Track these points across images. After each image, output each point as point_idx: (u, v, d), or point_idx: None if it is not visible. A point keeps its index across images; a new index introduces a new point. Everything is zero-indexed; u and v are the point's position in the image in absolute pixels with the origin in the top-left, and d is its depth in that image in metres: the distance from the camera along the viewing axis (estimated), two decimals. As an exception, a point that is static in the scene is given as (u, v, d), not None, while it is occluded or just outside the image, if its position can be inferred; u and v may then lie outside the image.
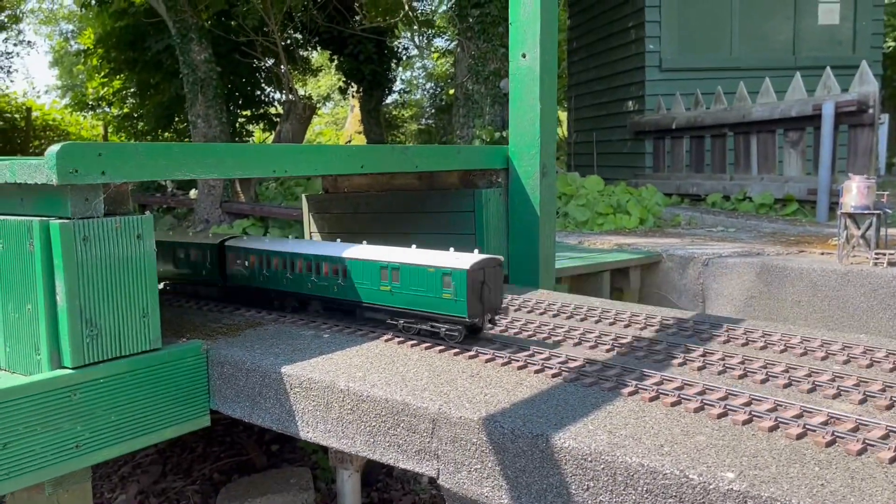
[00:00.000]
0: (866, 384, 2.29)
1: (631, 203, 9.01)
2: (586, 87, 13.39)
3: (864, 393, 2.21)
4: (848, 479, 1.70)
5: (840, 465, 1.77)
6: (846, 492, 1.64)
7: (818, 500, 1.60)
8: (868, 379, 2.32)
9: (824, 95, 8.13)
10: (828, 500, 1.60)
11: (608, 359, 2.65)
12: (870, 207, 5.18)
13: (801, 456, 1.82)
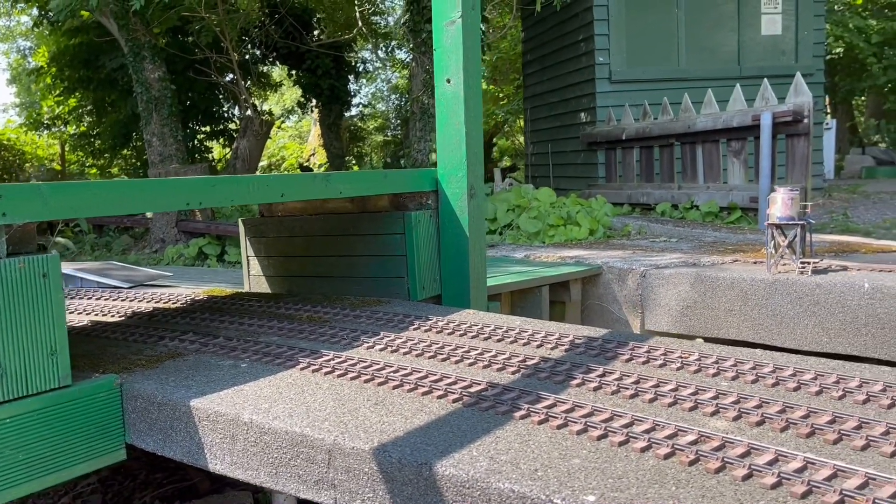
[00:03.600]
0: (745, 400, 2.42)
1: (581, 214, 9.18)
2: (541, 99, 13.60)
3: (740, 410, 2.34)
4: (699, 498, 1.81)
5: (696, 484, 1.88)
6: (693, 511, 1.74)
7: (665, 519, 1.71)
8: (748, 395, 2.45)
9: (763, 106, 8.38)
10: (674, 519, 1.71)
11: (511, 381, 2.75)
12: (794, 218, 5.37)
13: (663, 476, 1.93)
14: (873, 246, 6.46)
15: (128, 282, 5.84)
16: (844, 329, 5.03)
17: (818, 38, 11.47)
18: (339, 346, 3.34)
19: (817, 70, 11.51)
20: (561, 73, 12.49)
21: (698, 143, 9.39)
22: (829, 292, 5.05)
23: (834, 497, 1.76)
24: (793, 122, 8.02)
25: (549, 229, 9.11)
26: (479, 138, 4.44)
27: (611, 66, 11.19)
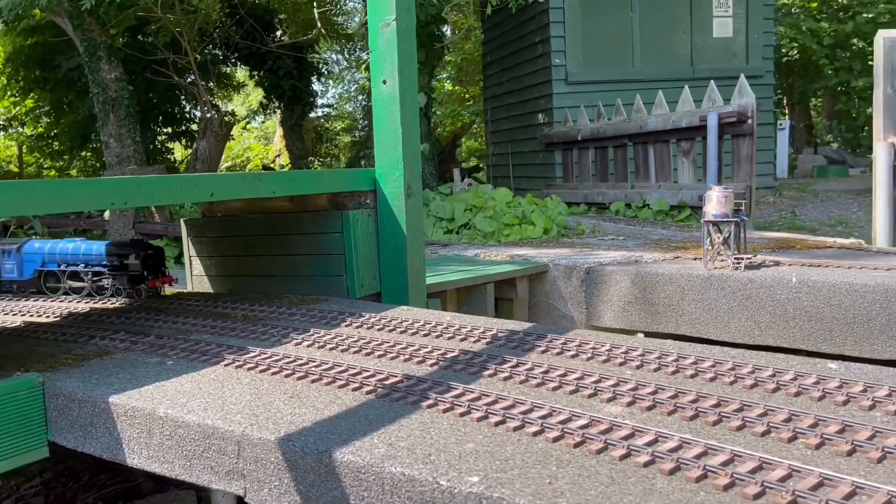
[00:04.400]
0: (642, 388, 2.54)
1: (535, 214, 9.33)
2: (501, 100, 13.75)
3: (635, 396, 2.46)
4: (575, 476, 1.92)
5: (576, 464, 1.99)
6: (567, 487, 1.86)
7: (539, 496, 1.82)
8: (646, 383, 2.58)
9: (709, 107, 8.60)
10: (546, 495, 1.82)
11: (427, 373, 2.84)
12: (728, 215, 5.56)
13: (548, 457, 2.04)
14: (809, 242, 6.69)
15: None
16: (774, 322, 5.22)
17: (767, 41, 11.78)
18: (267, 343, 3.41)
19: (767, 72, 11.82)
20: (519, 74, 12.66)
21: (650, 143, 9.60)
22: (759, 287, 5.24)
23: (697, 472, 1.88)
24: (737, 123, 8.25)
25: (504, 228, 9.24)
26: (416, 138, 4.53)
27: (567, 67, 11.37)
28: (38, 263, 4.79)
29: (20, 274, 4.82)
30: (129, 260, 4.49)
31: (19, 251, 4.83)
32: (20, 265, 4.83)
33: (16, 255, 4.83)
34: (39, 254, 4.80)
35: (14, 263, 4.84)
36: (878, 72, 6.41)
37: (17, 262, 4.83)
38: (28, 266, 4.83)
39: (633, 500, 1.77)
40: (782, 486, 1.77)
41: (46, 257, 4.78)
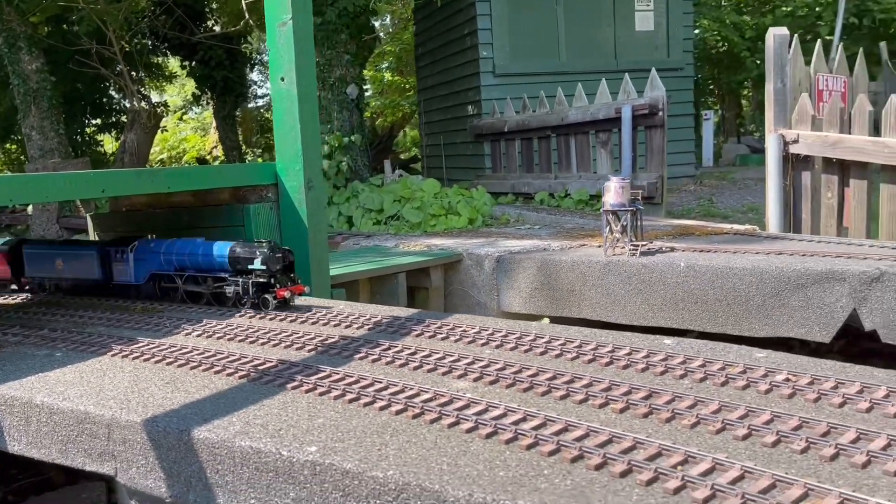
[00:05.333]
0: (493, 364, 2.80)
1: (461, 204, 9.58)
2: (433, 91, 13.95)
3: (482, 372, 2.72)
4: (404, 443, 2.15)
5: (409, 432, 2.23)
6: (393, 452, 2.09)
7: (365, 460, 2.05)
8: (498, 360, 2.83)
9: (624, 100, 8.97)
10: (372, 459, 2.05)
11: (302, 358, 3.05)
12: (625, 205, 5.90)
13: (385, 428, 2.28)
14: (708, 229, 7.11)
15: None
16: (665, 304, 5.58)
17: (687, 35, 12.26)
18: (159, 334, 3.55)
19: (687, 64, 12.31)
20: (450, 66, 12.87)
21: (571, 134, 9.94)
22: (652, 272, 5.59)
23: (508, 435, 2.14)
24: (649, 115, 8.64)
25: (430, 219, 9.47)
26: (316, 133, 4.71)
27: (494, 60, 11.63)
28: (153, 265, 4.29)
29: (133, 277, 4.31)
30: (254, 264, 3.92)
31: (133, 251, 4.32)
32: (133, 267, 4.31)
33: (129, 255, 4.31)
34: (155, 254, 4.28)
35: (127, 265, 4.33)
36: (768, 67, 6.84)
37: (131, 264, 4.31)
38: (142, 268, 4.31)
39: (445, 460, 2.01)
40: (575, 444, 2.04)
41: (163, 258, 4.27)
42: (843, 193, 6.41)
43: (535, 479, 1.87)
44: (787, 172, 6.84)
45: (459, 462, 2.00)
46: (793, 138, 6.67)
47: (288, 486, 2.13)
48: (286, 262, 4.04)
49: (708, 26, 16.20)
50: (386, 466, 2.00)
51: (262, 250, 3.95)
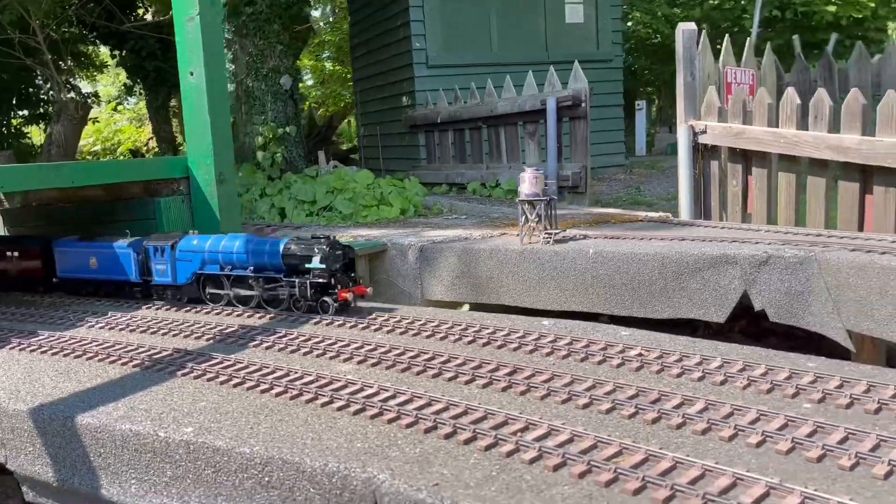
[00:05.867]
0: (379, 349, 2.97)
1: (393, 195, 9.72)
2: (368, 82, 14.02)
3: (366, 355, 2.89)
4: (276, 422, 2.31)
5: (283, 413, 2.39)
6: (264, 430, 2.25)
7: (236, 438, 2.20)
8: (384, 344, 3.01)
9: (550, 92, 9.23)
10: (243, 437, 2.20)
11: (198, 347, 3.17)
12: (539, 195, 6.14)
13: (263, 409, 2.43)
14: (625, 216, 7.41)
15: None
16: (577, 290, 5.85)
17: (616, 27, 12.62)
18: (61, 327, 3.62)
19: (616, 56, 12.67)
20: (384, 57, 12.96)
21: (501, 125, 10.17)
22: (564, 259, 5.85)
23: (374, 411, 2.31)
24: (573, 106, 8.91)
25: (362, 210, 9.58)
26: (227, 127, 4.79)
27: (427, 51, 11.77)
28: (196, 265, 3.95)
29: (174, 277, 3.99)
30: (312, 263, 3.57)
31: (174, 249, 4.01)
32: (174, 266, 4.00)
33: (170, 253, 3.99)
34: (198, 253, 3.94)
35: (168, 264, 4.01)
36: (679, 61, 7.17)
37: (171, 263, 3.99)
38: (184, 268, 3.99)
39: (310, 435, 2.18)
40: (432, 416, 2.23)
41: (207, 257, 3.91)
42: (747, 181, 6.79)
43: (389, 449, 2.06)
44: (697, 162, 7.20)
45: (323, 437, 2.17)
46: (701, 129, 7.02)
47: (165, 465, 2.26)
48: (346, 259, 3.75)
49: (640, 18, 16.65)
50: (254, 443, 2.16)
51: (321, 247, 3.62)
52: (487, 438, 2.05)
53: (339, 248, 3.69)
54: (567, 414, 2.25)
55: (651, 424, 2.13)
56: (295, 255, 3.65)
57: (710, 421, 2.06)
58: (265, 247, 3.76)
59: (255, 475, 2.10)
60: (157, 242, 4.08)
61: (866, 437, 1.91)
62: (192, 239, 4.03)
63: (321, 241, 3.65)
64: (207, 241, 3.95)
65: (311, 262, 3.58)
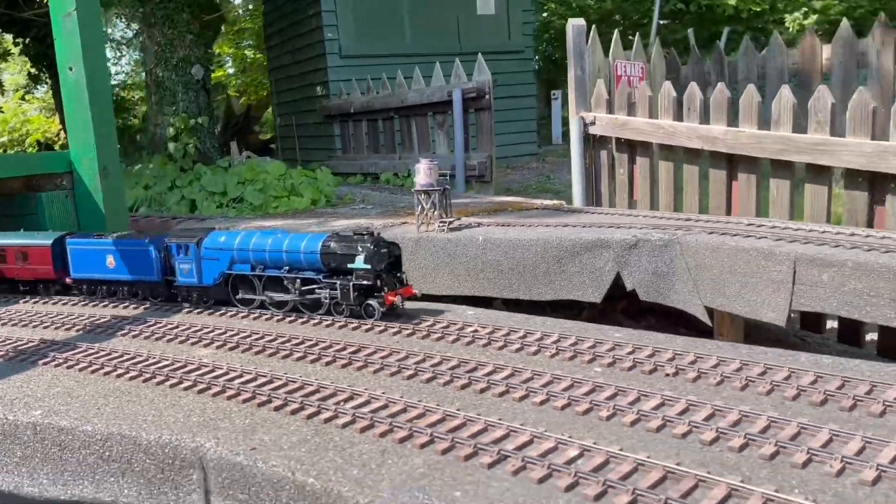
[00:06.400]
0: (240, 336, 3.17)
1: (304, 185, 9.84)
2: (283, 72, 14.02)
3: (226, 341, 3.09)
4: (124, 402, 2.49)
5: (132, 393, 2.57)
6: (110, 409, 2.43)
7: (84, 419, 2.37)
8: (246, 330, 3.21)
9: (456, 83, 9.51)
10: (87, 416, 2.38)
11: (66, 337, 3.30)
12: (433, 185, 6.40)
13: (114, 392, 2.61)
14: (522, 204, 7.77)
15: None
16: (469, 275, 6.16)
17: (527, 19, 12.99)
18: (-68, 323, 3.67)
19: (527, 47, 13.05)
20: (297, 46, 13.00)
21: (412, 116, 10.40)
22: (456, 246, 6.14)
23: (232, 392, 2.53)
24: (477, 98, 9.22)
25: (273, 201, 9.67)
26: (109, 121, 4.86)
27: (340, 41, 11.88)
28: (224, 264, 3.63)
29: (200, 278, 3.68)
30: (355, 262, 3.28)
31: (199, 246, 3.70)
32: (200, 266, 3.68)
33: (195, 251, 3.69)
34: (226, 251, 3.63)
35: (192, 263, 3.69)
36: (569, 55, 7.54)
37: (197, 262, 3.68)
38: (211, 267, 3.67)
39: (152, 413, 2.38)
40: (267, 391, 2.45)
41: (236, 256, 3.61)
42: (632, 170, 7.23)
43: (221, 422, 2.28)
44: (588, 152, 7.61)
45: (164, 413, 2.37)
46: (591, 120, 7.42)
47: (14, 447, 2.42)
48: (391, 258, 3.45)
49: (556, 10, 17.13)
50: (97, 422, 2.34)
51: (365, 245, 3.32)
52: (312, 408, 2.30)
53: (385, 246, 3.41)
54: (385, 383, 2.51)
55: (460, 390, 2.41)
56: (335, 255, 3.38)
57: (549, 393, 2.34)
58: (302, 243, 3.48)
59: (96, 451, 2.28)
60: (181, 239, 3.80)
61: (703, 406, 2.15)
62: (219, 235, 3.77)
63: (364, 237, 3.36)
64: (236, 237, 3.69)
65: (354, 261, 3.30)
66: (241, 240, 3.63)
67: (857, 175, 5.21)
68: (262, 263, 3.58)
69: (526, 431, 1.98)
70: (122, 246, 3.93)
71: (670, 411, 2.12)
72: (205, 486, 2.03)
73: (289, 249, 3.48)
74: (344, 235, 3.43)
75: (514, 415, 2.17)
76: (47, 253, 4.15)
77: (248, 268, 3.62)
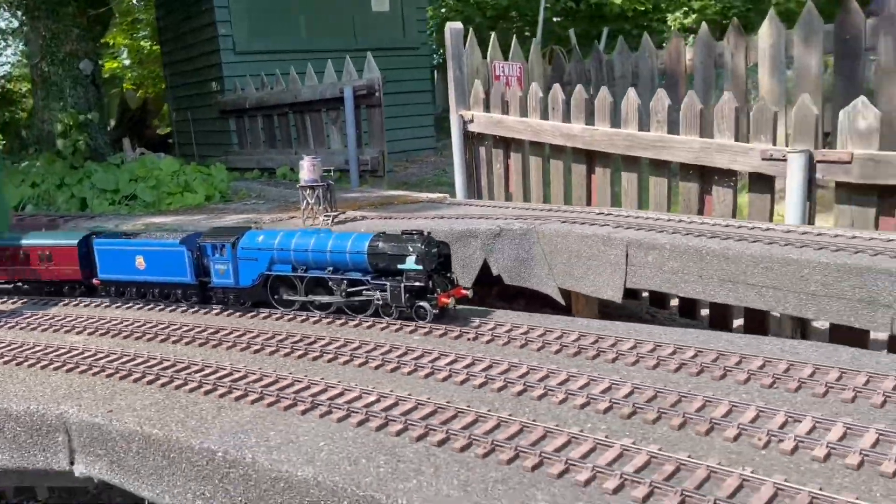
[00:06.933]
0: (135, 325, 3.52)
1: (197, 182, 10.02)
2: (178, 66, 14.01)
3: (121, 329, 3.44)
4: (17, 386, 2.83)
5: (3, 375, 2.91)
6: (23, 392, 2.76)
7: None
8: (126, 319, 3.56)
9: (348, 80, 9.90)
10: None
11: None
12: (317, 180, 6.82)
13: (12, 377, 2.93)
14: (409, 198, 8.28)
15: None
16: (351, 266, 6.62)
17: (421, 16, 13.50)
18: None
19: (423, 44, 13.56)
20: (191, 41, 13.04)
21: (306, 112, 10.73)
22: (339, 238, 6.59)
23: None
24: (368, 95, 9.65)
25: (166, 197, 9.81)
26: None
27: (234, 37, 12.03)
28: (263, 265, 3.54)
29: (236, 279, 3.57)
30: (406, 263, 3.16)
31: (235, 246, 3.59)
32: (236, 267, 3.57)
33: (231, 251, 3.57)
34: (265, 251, 3.54)
35: (228, 264, 3.58)
36: (448, 57, 8.09)
37: (233, 263, 3.57)
38: (248, 268, 3.55)
39: (22, 389, 2.73)
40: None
41: (276, 256, 3.52)
42: (507, 165, 7.86)
43: (85, 393, 2.66)
44: (468, 148, 8.19)
45: (34, 389, 2.73)
46: (469, 118, 8.00)
47: None
48: (441, 257, 3.35)
49: (454, 6, 17.72)
50: (-28, 399, 2.68)
51: (416, 245, 3.22)
52: (165, 379, 2.71)
53: (435, 245, 3.34)
54: (240, 357, 2.95)
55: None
56: (384, 255, 3.28)
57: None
58: (347, 243, 3.41)
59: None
60: (216, 239, 3.70)
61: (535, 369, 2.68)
62: (256, 235, 3.69)
63: (414, 237, 3.28)
64: (276, 237, 3.61)
65: (405, 262, 3.19)
66: (281, 239, 3.57)
67: (689, 168, 5.98)
68: (304, 264, 3.52)
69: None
70: (153, 246, 3.86)
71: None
72: (69, 446, 2.42)
73: (333, 249, 3.42)
74: (392, 235, 3.36)
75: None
76: (73, 253, 4.06)
77: (288, 268, 3.55)
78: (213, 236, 3.71)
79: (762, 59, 6.98)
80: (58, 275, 4.09)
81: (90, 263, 4.06)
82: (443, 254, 3.36)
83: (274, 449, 1.99)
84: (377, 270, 3.32)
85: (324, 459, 1.93)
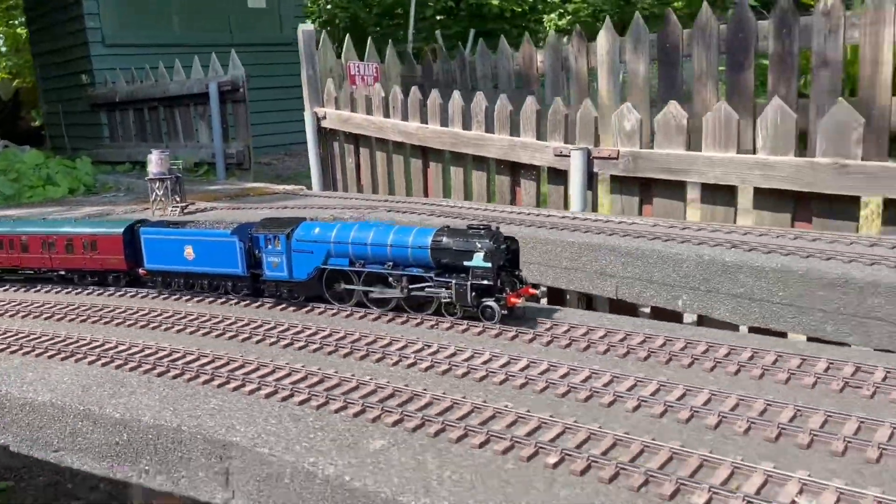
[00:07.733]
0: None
1: (60, 175, 10.20)
2: (48, 58, 13.94)
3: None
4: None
5: None
6: None
7: None
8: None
9: (213, 76, 10.30)
10: None
11: None
12: (165, 173, 7.27)
13: None
14: (267, 190, 8.81)
15: None
16: (199, 254, 7.12)
17: (297, 12, 13.96)
18: None
19: (300, 40, 14.02)
20: (60, 33, 13.04)
21: (175, 106, 11.05)
22: (187, 228, 7.07)
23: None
24: (233, 91, 10.09)
25: (27, 190, 9.95)
26: None
27: (103, 30, 12.16)
28: (319, 258, 3.41)
29: (290, 272, 3.45)
30: (473, 260, 3.02)
31: (289, 238, 3.47)
32: (290, 259, 3.45)
33: (285, 243, 3.47)
34: (322, 244, 3.41)
35: (282, 256, 3.46)
36: (301, 57, 8.67)
37: (287, 255, 3.45)
38: (303, 261, 3.43)
39: None
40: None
41: (333, 249, 3.39)
42: (358, 159, 8.52)
43: None
44: (322, 143, 8.80)
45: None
46: (322, 115, 8.61)
47: None
48: (509, 253, 3.24)
49: (339, 2, 18.25)
50: None
51: (484, 241, 3.08)
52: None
53: (504, 241, 3.20)
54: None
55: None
56: (449, 251, 3.14)
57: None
58: (408, 238, 3.27)
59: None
60: (269, 230, 3.59)
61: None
62: (312, 227, 3.57)
63: (481, 231, 3.13)
64: (332, 229, 3.48)
65: (472, 259, 3.06)
66: (339, 232, 3.45)
67: (502, 163, 6.81)
68: (363, 258, 3.40)
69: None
70: (203, 236, 3.78)
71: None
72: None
73: (394, 244, 3.28)
74: (457, 229, 3.21)
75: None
76: (118, 242, 4.02)
77: (346, 262, 3.44)
78: (265, 227, 3.66)
79: (601, 63, 7.77)
80: (102, 264, 4.10)
81: (136, 253, 4.05)
82: (511, 249, 3.28)
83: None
84: (440, 266, 3.22)
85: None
